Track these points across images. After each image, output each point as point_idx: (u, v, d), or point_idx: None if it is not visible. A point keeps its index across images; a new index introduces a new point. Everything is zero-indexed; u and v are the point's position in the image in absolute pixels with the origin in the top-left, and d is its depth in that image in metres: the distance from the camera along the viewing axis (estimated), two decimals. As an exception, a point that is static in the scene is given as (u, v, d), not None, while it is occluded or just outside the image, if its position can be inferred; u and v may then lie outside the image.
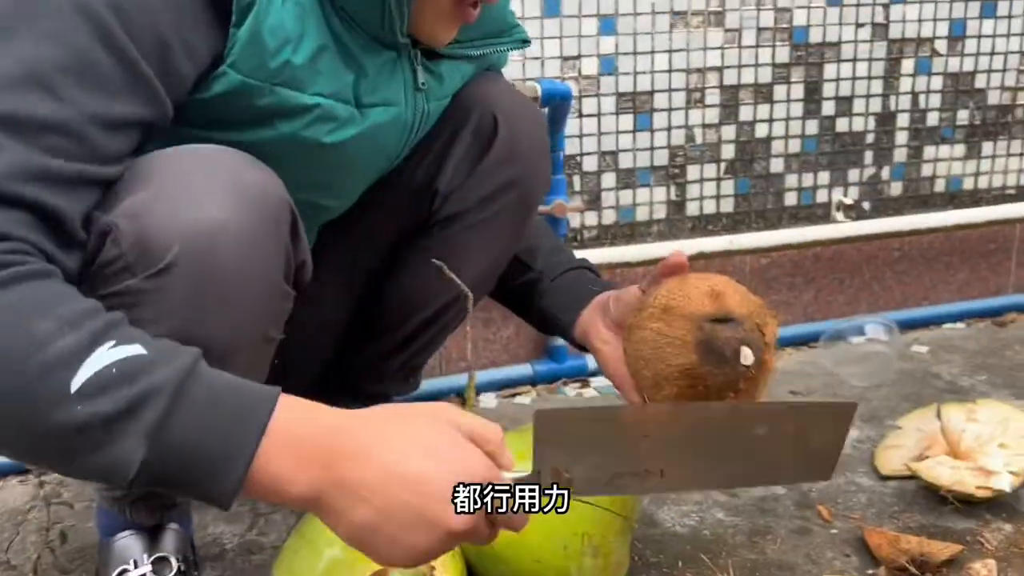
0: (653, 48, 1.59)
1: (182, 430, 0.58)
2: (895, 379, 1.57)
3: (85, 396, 0.56)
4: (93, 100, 0.65)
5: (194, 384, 0.59)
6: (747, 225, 1.74)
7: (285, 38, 0.77)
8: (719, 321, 0.80)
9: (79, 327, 0.58)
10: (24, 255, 0.59)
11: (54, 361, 0.56)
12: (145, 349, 0.59)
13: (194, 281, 0.68)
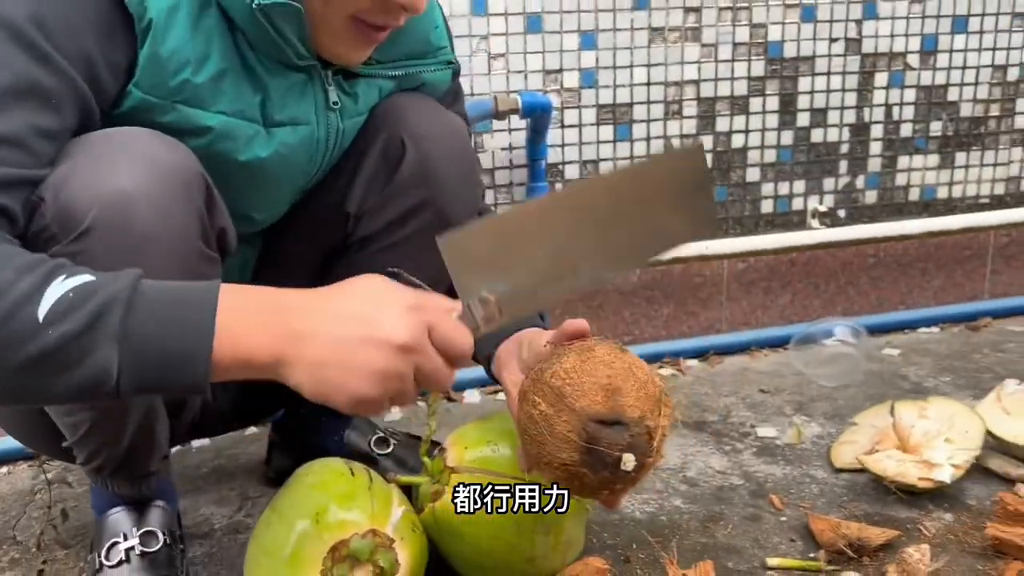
0: (632, 62, 1.67)
1: (144, 329, 0.67)
2: (863, 380, 1.63)
3: (52, 322, 0.66)
4: (32, 114, 0.75)
5: (144, 290, 0.69)
6: (725, 231, 1.81)
7: (185, 59, 0.85)
8: (607, 423, 0.79)
9: (33, 270, 0.68)
10: None
11: (19, 299, 0.66)
12: (93, 276, 0.69)
13: (111, 243, 0.77)
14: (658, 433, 0.81)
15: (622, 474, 0.79)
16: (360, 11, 0.88)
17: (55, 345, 0.66)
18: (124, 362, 0.67)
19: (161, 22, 0.83)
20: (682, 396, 1.60)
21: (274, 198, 1.03)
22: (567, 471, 0.80)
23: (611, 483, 0.80)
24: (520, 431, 0.85)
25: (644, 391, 0.82)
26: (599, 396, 0.80)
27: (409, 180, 1.03)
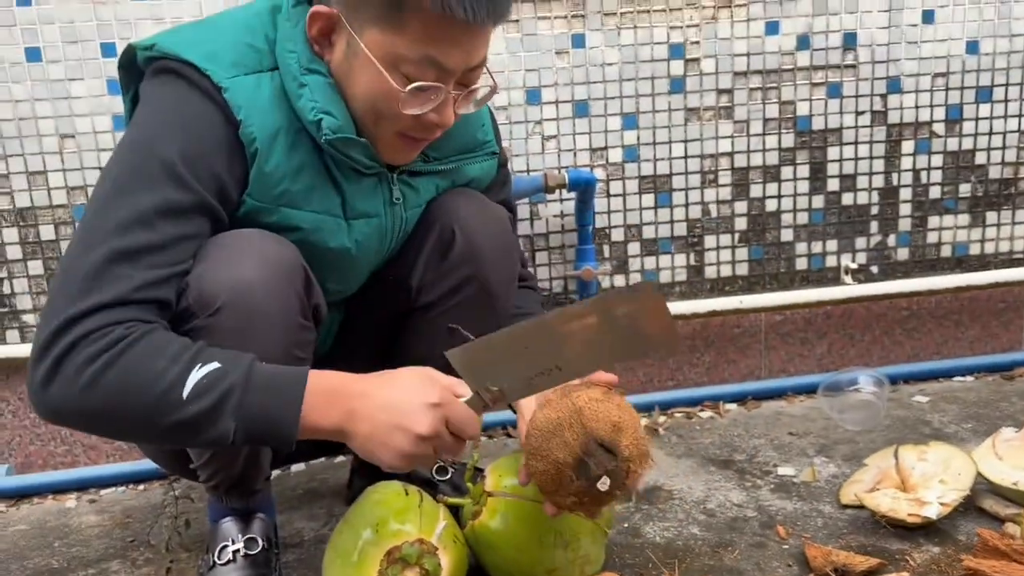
0: (670, 139, 1.88)
1: (253, 405, 0.96)
2: (887, 425, 1.77)
3: (191, 400, 0.95)
4: (178, 227, 1.03)
5: (254, 376, 0.98)
6: (761, 287, 1.99)
7: (283, 174, 1.11)
8: (604, 448, 1.03)
9: (179, 359, 0.96)
10: (138, 323, 0.98)
11: (171, 383, 0.95)
12: (220, 363, 0.97)
13: (235, 319, 1.05)
14: (634, 476, 1.04)
15: (595, 491, 1.02)
16: (403, 129, 1.13)
17: (193, 417, 0.96)
18: (239, 429, 0.97)
19: (265, 148, 1.10)
20: (716, 437, 1.78)
21: (354, 275, 1.29)
22: (556, 469, 1.04)
23: (582, 494, 1.03)
24: (529, 424, 1.09)
25: (638, 442, 1.06)
26: (608, 426, 1.04)
27: (459, 259, 1.27)
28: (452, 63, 1.07)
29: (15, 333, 1.78)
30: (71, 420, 0.99)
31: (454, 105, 1.12)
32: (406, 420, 0.98)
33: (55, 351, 0.95)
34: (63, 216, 1.74)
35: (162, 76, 1.09)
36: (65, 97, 1.69)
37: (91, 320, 0.96)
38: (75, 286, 0.98)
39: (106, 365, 0.95)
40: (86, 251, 1.00)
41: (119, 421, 0.98)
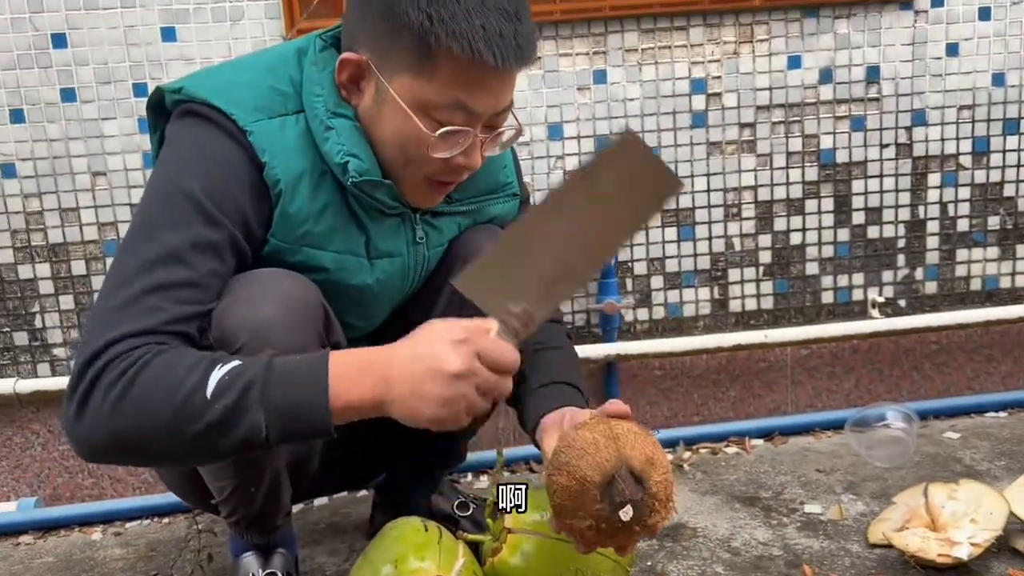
0: (692, 172, 1.88)
1: (278, 394, 0.94)
2: (917, 462, 1.74)
3: (216, 398, 0.94)
4: (207, 263, 1.04)
5: (275, 365, 0.96)
6: (787, 320, 1.97)
7: (307, 215, 1.12)
8: (634, 477, 0.99)
9: (198, 365, 0.96)
10: (160, 345, 0.99)
11: (192, 388, 0.95)
12: (240, 361, 0.97)
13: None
14: (655, 516, 1.01)
15: (614, 518, 0.99)
16: (431, 173, 1.14)
17: (220, 415, 0.94)
18: (269, 419, 0.95)
19: (289, 189, 1.11)
20: (742, 473, 1.76)
21: (376, 311, 1.30)
22: (581, 486, 1.00)
23: (600, 519, 1.00)
24: (561, 446, 1.04)
25: (667, 484, 1.04)
26: (642, 457, 1.02)
27: None
28: (481, 107, 1.08)
29: (46, 366, 1.81)
30: (105, 448, 0.99)
31: (481, 148, 1.13)
32: (435, 362, 0.94)
33: (83, 384, 0.97)
34: (94, 252, 1.77)
35: (188, 118, 1.12)
36: (98, 136, 1.74)
37: (116, 347, 0.97)
38: (104, 321, 1.00)
39: (129, 382, 0.95)
40: (116, 288, 1.02)
41: (149, 438, 0.96)
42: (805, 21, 1.84)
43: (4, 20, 1.68)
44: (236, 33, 1.72)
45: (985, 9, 1.88)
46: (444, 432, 1.22)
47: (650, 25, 1.81)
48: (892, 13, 1.86)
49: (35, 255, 1.77)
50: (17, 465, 1.83)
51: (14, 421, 1.81)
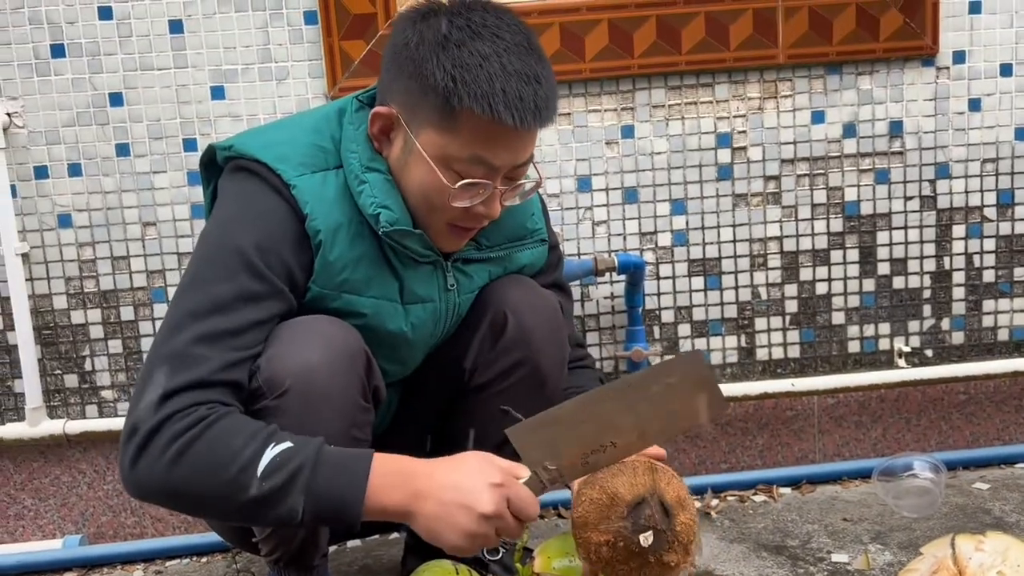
0: (719, 224, 1.93)
1: (321, 485, 1.01)
2: (946, 512, 1.74)
3: (265, 477, 1.01)
4: (253, 313, 1.11)
5: (323, 457, 1.03)
6: (814, 369, 1.99)
7: (345, 263, 1.19)
8: (664, 508, 1.06)
9: (256, 439, 1.03)
10: (219, 405, 1.06)
11: (246, 462, 1.01)
12: (292, 443, 1.03)
13: (301, 400, 1.12)
14: (673, 553, 1.06)
15: (634, 540, 1.04)
16: (453, 219, 1.20)
17: (266, 493, 1.01)
18: (307, 507, 1.02)
19: (328, 239, 1.18)
20: (769, 521, 1.77)
21: (410, 356, 1.35)
22: (611, 500, 1.06)
23: (619, 538, 1.05)
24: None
25: (692, 526, 1.09)
26: (674, 495, 1.08)
27: (511, 343, 1.33)
28: (499, 162, 1.15)
29: (94, 408, 1.88)
30: (156, 496, 1.07)
31: (501, 198, 1.19)
32: (470, 499, 1.02)
33: (142, 433, 1.04)
34: (142, 298, 1.86)
35: (238, 174, 1.20)
36: (149, 188, 1.83)
37: (174, 401, 1.04)
38: (160, 370, 1.07)
39: (189, 443, 1.02)
40: (169, 337, 1.09)
41: (198, 497, 1.04)
42: (828, 77, 1.90)
43: (66, 80, 1.79)
44: (281, 91, 1.81)
45: (1007, 66, 1.91)
46: None
47: (676, 82, 1.87)
48: (914, 69, 1.91)
49: (87, 301, 1.85)
50: (64, 503, 1.90)
51: (62, 460, 1.88)
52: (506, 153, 1.14)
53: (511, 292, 1.34)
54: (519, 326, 1.32)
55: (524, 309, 1.33)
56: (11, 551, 1.81)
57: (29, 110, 1.79)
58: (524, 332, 1.33)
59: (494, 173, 1.16)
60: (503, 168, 1.16)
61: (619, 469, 1.09)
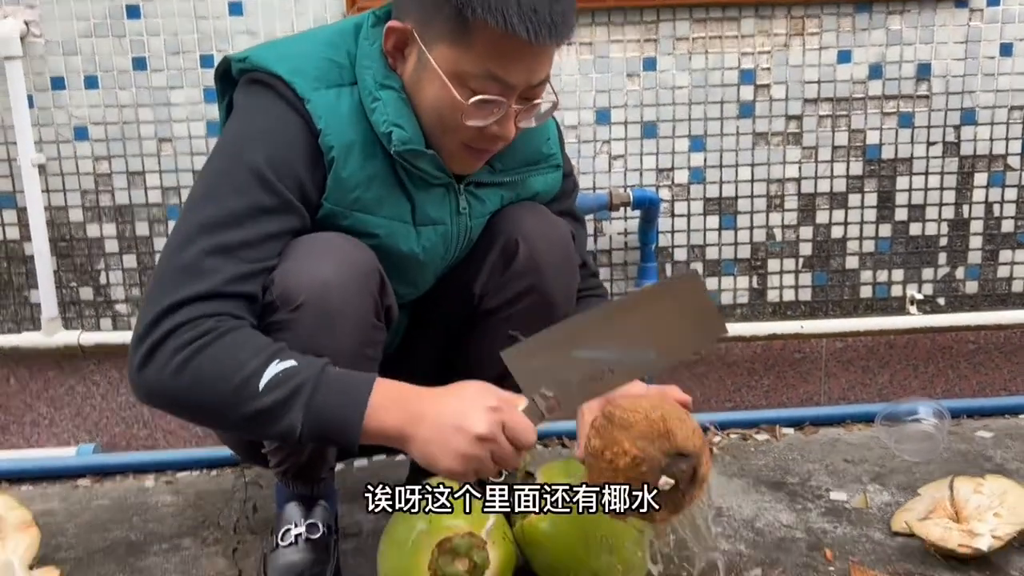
0: (737, 162, 1.91)
1: (321, 403, 1.02)
2: (946, 458, 1.75)
3: (267, 391, 1.01)
4: (265, 226, 1.11)
5: (326, 376, 1.03)
6: (824, 313, 1.99)
7: (358, 182, 1.18)
8: (695, 472, 1.06)
9: (260, 353, 1.03)
10: (228, 318, 1.06)
11: (249, 374, 1.02)
12: (296, 362, 1.03)
13: (315, 315, 1.12)
14: (666, 512, 1.07)
15: (646, 481, 1.04)
16: (467, 140, 1.19)
17: (266, 407, 1.02)
18: (306, 424, 1.02)
19: (341, 156, 1.18)
20: (771, 459, 1.79)
21: (421, 278, 1.36)
22: (662, 432, 1.05)
23: (646, 463, 1.04)
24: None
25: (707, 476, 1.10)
26: (706, 470, 1.08)
27: (521, 270, 1.32)
28: (514, 79, 1.13)
29: (108, 321, 1.91)
30: (161, 402, 1.08)
31: (515, 119, 1.18)
32: (465, 421, 1.02)
33: (151, 339, 1.05)
34: (157, 214, 1.86)
35: (253, 87, 1.19)
36: (165, 104, 1.82)
37: (184, 311, 1.05)
38: (171, 279, 1.08)
39: (194, 353, 1.03)
40: (181, 247, 1.09)
41: (201, 406, 1.06)
42: (857, 16, 1.85)
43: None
44: (299, 8, 1.79)
45: (1042, 10, 1.87)
46: None
47: (702, 15, 1.84)
48: (946, 11, 1.86)
49: (103, 215, 1.86)
50: (78, 413, 1.94)
51: (77, 371, 1.91)
52: (521, 70, 1.12)
53: (524, 219, 1.34)
54: (530, 253, 1.32)
55: (536, 237, 1.33)
56: (27, 455, 1.86)
57: (46, 19, 1.77)
58: (535, 260, 1.32)
59: (509, 91, 1.14)
60: (518, 86, 1.14)
61: (678, 414, 1.08)
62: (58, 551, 1.49)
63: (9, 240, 1.87)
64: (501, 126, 1.17)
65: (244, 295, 1.10)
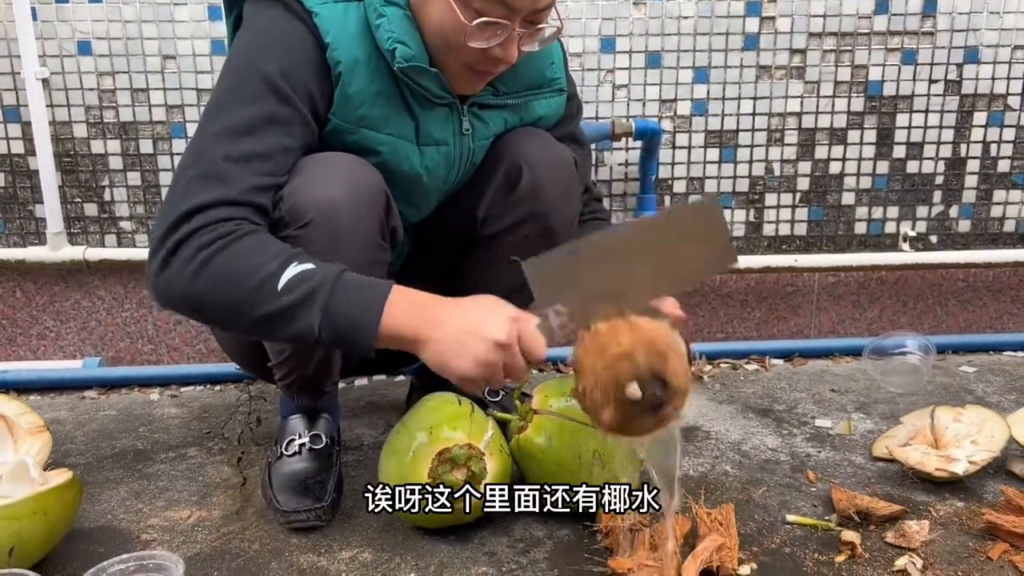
0: (739, 95, 1.91)
1: (339, 304, 1.04)
2: (930, 391, 1.81)
3: (285, 292, 1.04)
4: (279, 137, 1.13)
5: (343, 279, 1.05)
6: (818, 248, 2.02)
7: (364, 98, 1.20)
8: (658, 379, 1.01)
9: (278, 256, 1.05)
10: (246, 222, 1.08)
11: (268, 275, 1.04)
12: (314, 265, 1.06)
13: (323, 232, 1.14)
14: (670, 406, 1.05)
15: (621, 382, 1.01)
16: (470, 61, 1.20)
17: (284, 306, 1.04)
18: (324, 325, 1.04)
19: (348, 72, 1.19)
20: (759, 387, 1.84)
21: (424, 199, 1.38)
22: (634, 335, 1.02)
23: (616, 369, 1.01)
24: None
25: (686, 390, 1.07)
26: (682, 384, 1.05)
27: (524, 195, 1.35)
28: (519, 3, 1.13)
29: (112, 238, 1.93)
30: (180, 304, 1.10)
31: (519, 42, 1.18)
32: (485, 326, 1.03)
33: (170, 242, 1.07)
34: (162, 132, 1.87)
35: (261, 1, 1.19)
36: (169, 20, 1.81)
37: (202, 215, 1.07)
38: (188, 185, 1.10)
39: (213, 254, 1.05)
40: (197, 156, 1.11)
41: (220, 307, 1.07)
42: (867, -51, 1.84)
43: (85, -100, 1.74)
44: (305, -73, 1.77)
45: (1052, -53, 1.86)
46: None
47: (710, -56, 1.82)
48: (956, -54, 1.85)
49: (107, 132, 1.87)
50: (83, 327, 1.98)
51: (82, 286, 1.94)
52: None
53: (527, 144, 1.35)
54: (533, 179, 1.34)
55: (539, 162, 1.34)
56: (34, 367, 1.90)
57: (48, -70, 1.76)
58: (537, 185, 1.34)
59: (513, 14, 1.14)
60: (522, 10, 1.14)
61: (682, 350, 1.05)
62: (68, 456, 1.55)
63: (14, 154, 1.88)
64: (504, 49, 1.18)
65: (258, 206, 1.12)
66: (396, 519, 1.32)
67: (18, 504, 1.12)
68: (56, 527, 1.18)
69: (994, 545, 1.25)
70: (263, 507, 1.36)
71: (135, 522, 1.33)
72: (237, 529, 1.31)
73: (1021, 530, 1.24)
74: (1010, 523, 1.26)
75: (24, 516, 1.12)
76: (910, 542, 1.26)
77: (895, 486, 1.43)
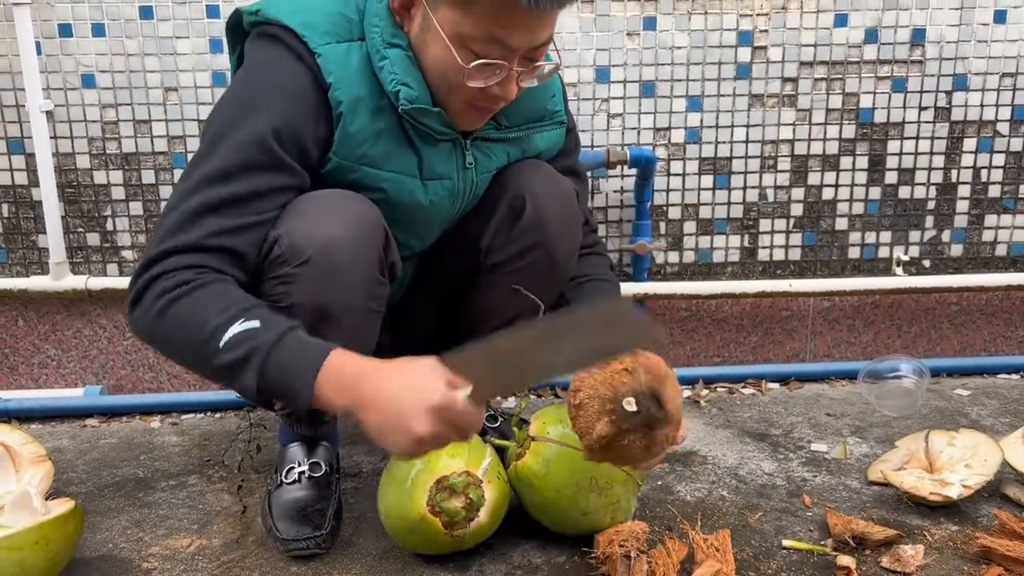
0: (733, 123, 1.94)
1: (273, 370, 1.05)
2: (925, 414, 1.82)
3: (226, 349, 1.05)
4: (254, 181, 1.14)
5: (283, 343, 1.06)
6: (813, 272, 2.04)
7: (365, 136, 1.22)
8: (655, 398, 1.11)
9: (228, 311, 1.07)
10: (208, 270, 1.11)
11: (213, 330, 1.06)
12: (259, 322, 1.06)
13: (321, 270, 1.16)
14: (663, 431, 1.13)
15: (620, 394, 1.11)
16: (470, 99, 1.22)
17: (226, 364, 1.06)
18: (261, 387, 1.06)
19: (349, 111, 1.21)
20: (755, 412, 1.86)
21: (427, 231, 1.39)
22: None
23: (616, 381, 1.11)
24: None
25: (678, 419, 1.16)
26: (675, 410, 1.13)
27: (527, 226, 1.36)
28: (516, 43, 1.15)
29: (114, 267, 1.95)
30: (147, 341, 1.15)
31: (517, 80, 1.20)
32: (407, 421, 1.01)
33: (139, 283, 1.12)
34: (163, 163, 1.90)
35: (264, 39, 1.22)
36: (171, 53, 1.84)
37: (169, 260, 1.11)
38: (164, 230, 1.13)
39: (171, 302, 1.08)
40: (179, 199, 1.14)
41: (177, 353, 1.12)
42: (855, -20, 1.88)
43: (89, -63, 1.78)
44: (305, -38, 1.80)
45: (1037, -22, 1.90)
46: None
47: (702, -24, 1.86)
48: (943, -24, 1.89)
49: (109, 163, 1.90)
50: (85, 355, 1.99)
51: (84, 315, 1.96)
52: (522, 33, 1.14)
53: (531, 177, 1.37)
54: (536, 211, 1.36)
55: (543, 194, 1.36)
56: (35, 395, 1.92)
57: (53, -34, 1.79)
58: (540, 217, 1.36)
59: (511, 54, 1.16)
60: (520, 49, 1.16)
61: (677, 387, 1.14)
62: (69, 485, 1.56)
63: (18, 185, 1.90)
64: (502, 87, 1.20)
65: (227, 249, 1.13)
66: (395, 546, 1.33)
67: (20, 534, 1.14)
68: (58, 557, 1.19)
69: (988, 569, 1.27)
70: (263, 535, 1.37)
71: (136, 551, 1.34)
72: (237, 557, 1.32)
73: (1015, 554, 1.26)
74: (1004, 547, 1.28)
75: (26, 546, 1.14)
76: (905, 567, 1.27)
77: (890, 510, 1.44)
